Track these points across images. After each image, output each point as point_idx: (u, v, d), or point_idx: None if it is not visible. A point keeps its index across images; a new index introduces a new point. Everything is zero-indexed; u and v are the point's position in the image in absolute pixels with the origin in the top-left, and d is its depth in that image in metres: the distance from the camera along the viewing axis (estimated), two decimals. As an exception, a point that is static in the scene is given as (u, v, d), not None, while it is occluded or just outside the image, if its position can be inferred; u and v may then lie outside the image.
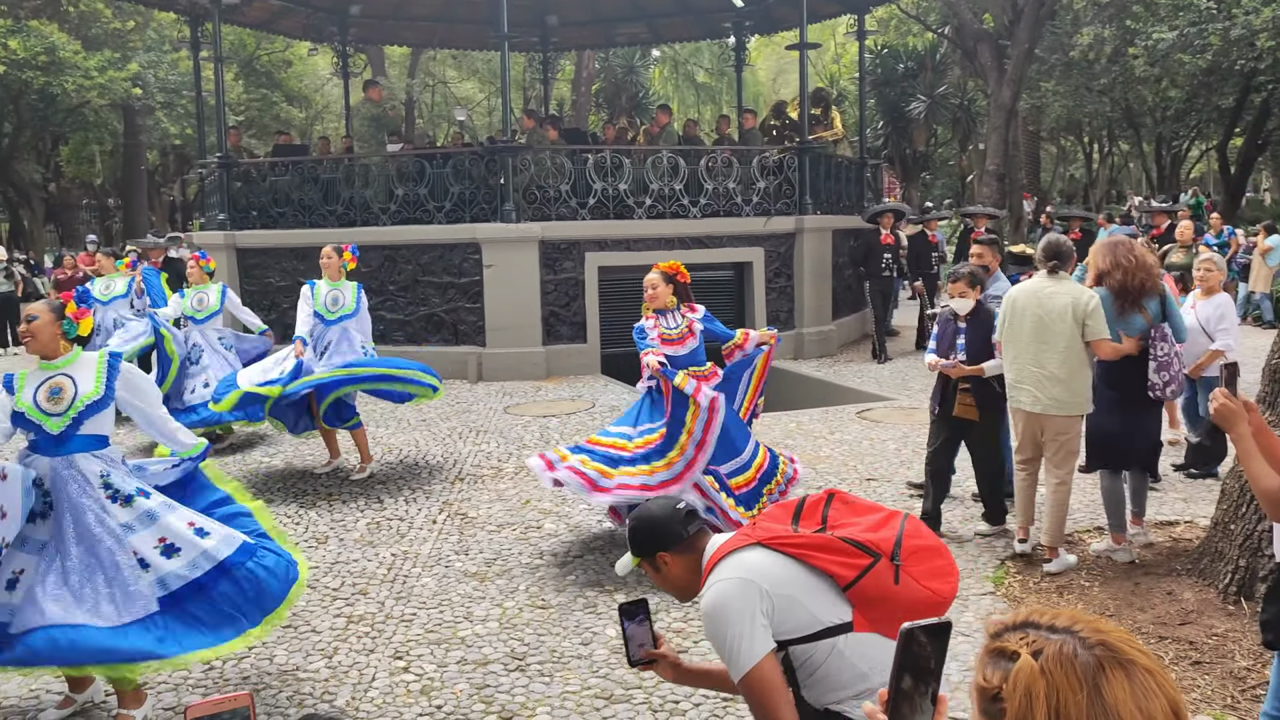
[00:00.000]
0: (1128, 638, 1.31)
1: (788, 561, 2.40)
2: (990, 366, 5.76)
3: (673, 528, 2.64)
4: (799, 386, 11.40)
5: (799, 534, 2.47)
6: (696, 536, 2.64)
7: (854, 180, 15.05)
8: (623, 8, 17.87)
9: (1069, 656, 1.27)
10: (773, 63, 48.60)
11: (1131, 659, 1.28)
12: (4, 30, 19.30)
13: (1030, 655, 1.29)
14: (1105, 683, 1.25)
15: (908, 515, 2.54)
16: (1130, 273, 5.27)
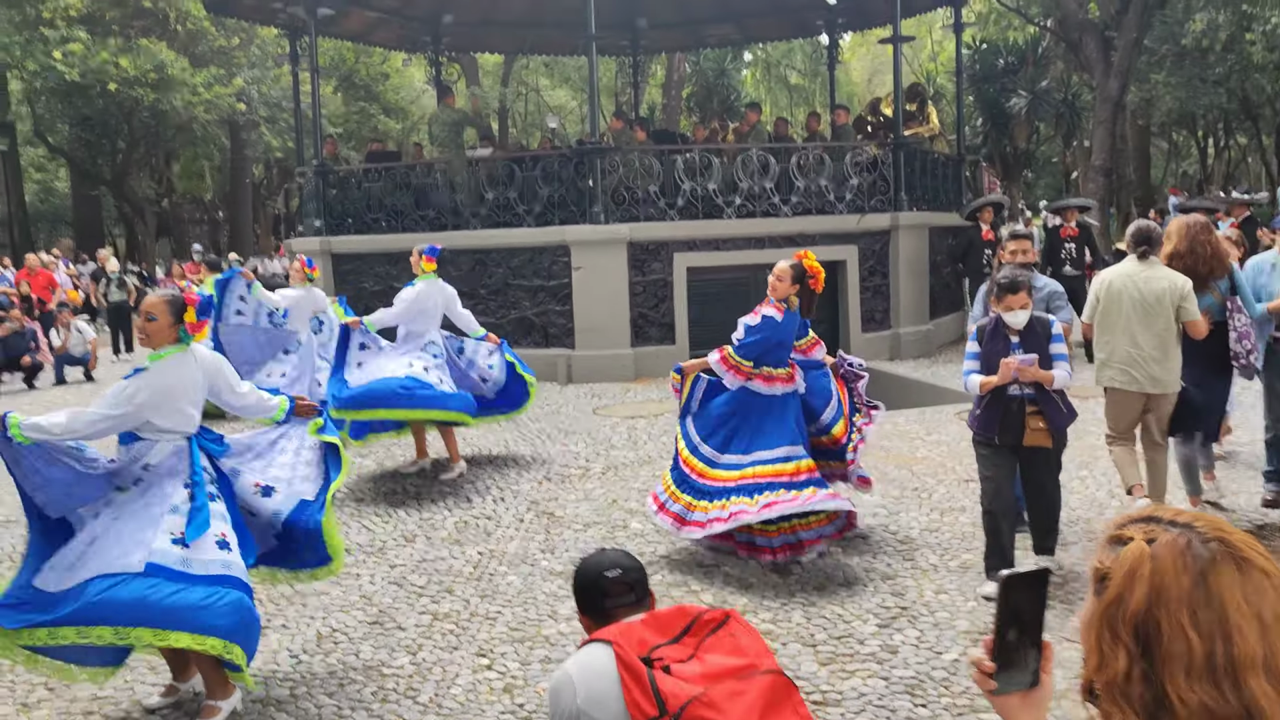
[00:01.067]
0: (1249, 539, 1.28)
1: (614, 678, 2.28)
2: (1061, 377, 4.97)
3: (592, 594, 2.59)
4: (896, 387, 11.08)
5: (639, 651, 2.33)
6: (613, 611, 2.55)
7: (951, 177, 14.64)
8: (712, 8, 17.72)
9: (1182, 546, 1.25)
10: (867, 63, 47.90)
11: (1248, 558, 1.25)
12: (116, 49, 20.09)
13: (1144, 541, 1.27)
14: (1214, 574, 1.23)
15: (770, 673, 2.37)
16: (1203, 260, 5.68)
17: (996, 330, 5.08)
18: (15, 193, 26.90)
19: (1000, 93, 27.05)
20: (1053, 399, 5.00)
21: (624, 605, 2.55)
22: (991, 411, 5.03)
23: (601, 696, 2.28)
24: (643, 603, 2.59)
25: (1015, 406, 4.97)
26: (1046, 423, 4.99)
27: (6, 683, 4.62)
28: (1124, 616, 1.24)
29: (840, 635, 4.64)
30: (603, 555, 2.67)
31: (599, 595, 2.56)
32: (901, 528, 6.09)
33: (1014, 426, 4.97)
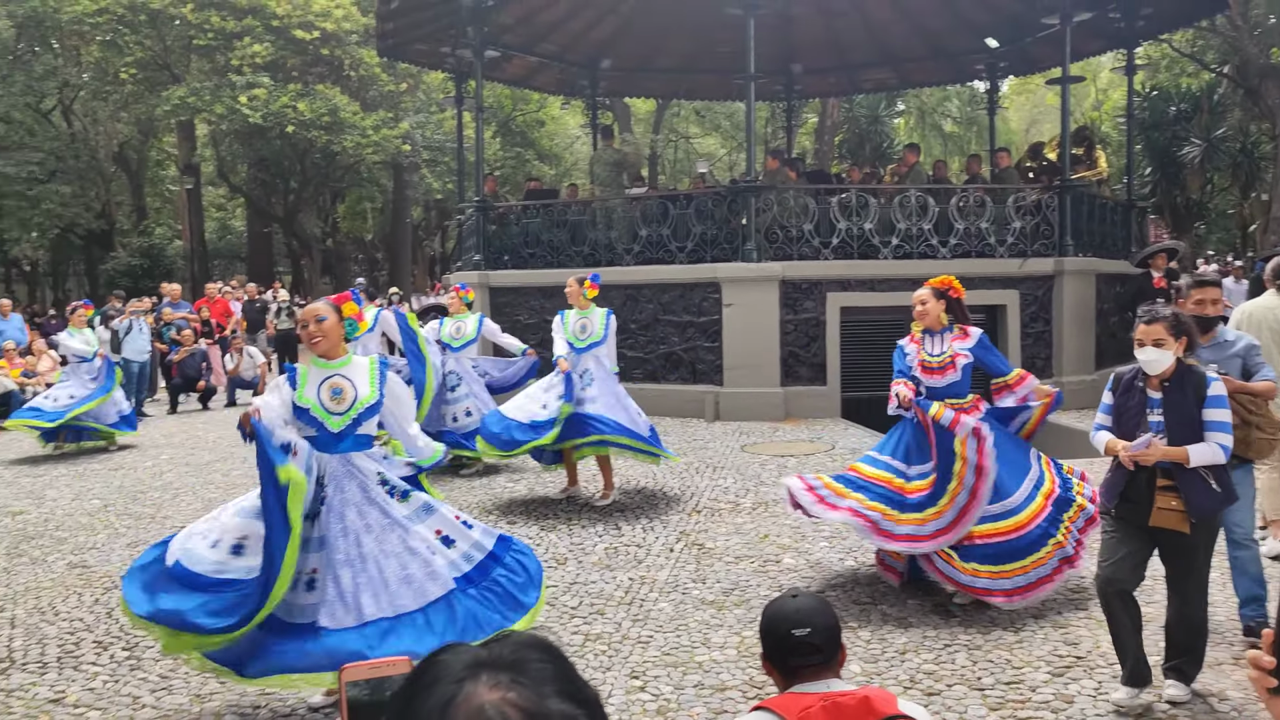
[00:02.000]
0: None
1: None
2: (1200, 452, 3.94)
3: (778, 648, 2.48)
4: (1058, 438, 10.59)
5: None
6: (798, 669, 2.44)
7: (1120, 223, 14.04)
8: (869, 53, 17.62)
9: None
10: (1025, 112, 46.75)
11: None
12: (295, 94, 21.32)
13: None
14: None
15: None
16: None
17: (1134, 381, 4.18)
18: (197, 229, 28.70)
19: (1171, 141, 25.93)
20: (1196, 475, 3.97)
21: (810, 665, 2.44)
22: (1115, 477, 4.12)
23: None
24: (831, 662, 2.46)
25: (1143, 476, 4.02)
26: (1182, 501, 3.97)
27: (181, 674, 4.81)
28: None
29: (1009, 681, 4.41)
30: (796, 609, 2.50)
31: (785, 652, 2.45)
32: (1071, 577, 5.76)
33: (1139, 500, 4.03)
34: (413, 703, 0.81)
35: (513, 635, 0.89)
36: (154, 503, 8.41)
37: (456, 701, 0.78)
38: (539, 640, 0.88)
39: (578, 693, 0.82)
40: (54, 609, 5.81)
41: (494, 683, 0.79)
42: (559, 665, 0.85)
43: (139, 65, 23.21)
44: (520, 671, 0.81)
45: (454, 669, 0.82)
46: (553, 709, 0.79)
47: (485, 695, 0.78)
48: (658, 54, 17.79)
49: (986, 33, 16.05)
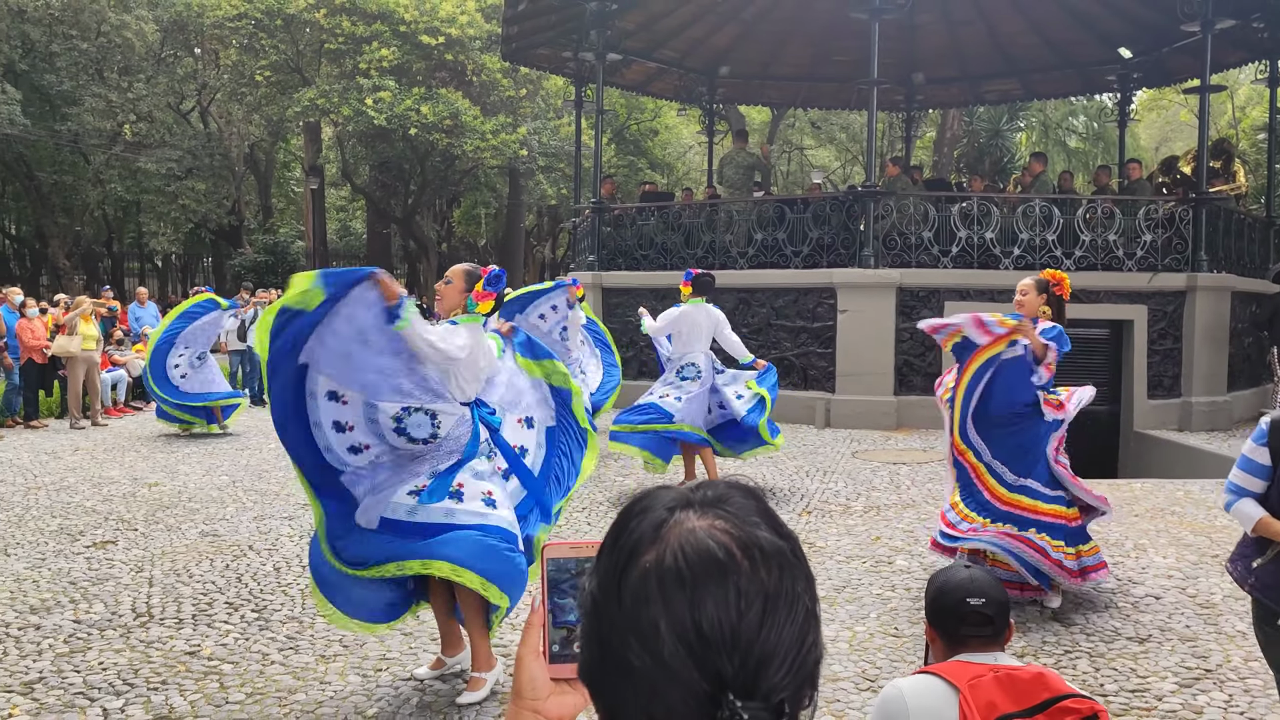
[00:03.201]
0: None
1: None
2: None
3: (948, 617, 2.43)
4: (1185, 458, 10.21)
5: (984, 715, 2.16)
6: (967, 639, 2.38)
7: (1259, 241, 13.45)
8: (994, 62, 17.27)
9: None
10: (1157, 129, 45.07)
11: None
12: (418, 98, 21.90)
13: None
14: None
15: None
16: None
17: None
18: (320, 229, 29.70)
19: (1314, 160, 24.71)
20: None
21: (981, 636, 2.40)
22: (1275, 569, 3.19)
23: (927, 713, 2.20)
24: (999, 637, 2.42)
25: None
26: None
27: (308, 636, 4.99)
28: None
29: (1134, 689, 4.27)
30: (969, 578, 2.48)
31: (956, 620, 2.41)
32: (1201, 592, 5.55)
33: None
34: (627, 526, 0.86)
35: (717, 480, 0.94)
36: (278, 481, 8.73)
37: (669, 524, 0.83)
38: (742, 483, 0.92)
39: (780, 528, 0.87)
40: (188, 571, 6.08)
41: (703, 513, 0.84)
42: (760, 504, 0.88)
43: (273, 68, 24.16)
44: (725, 505, 0.86)
45: (665, 501, 0.87)
46: (760, 537, 0.83)
47: (696, 521, 0.83)
48: (776, 61, 17.75)
49: (1119, 42, 15.58)
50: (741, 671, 0.78)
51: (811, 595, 0.85)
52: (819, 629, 0.85)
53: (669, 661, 0.78)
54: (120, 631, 5.08)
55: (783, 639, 0.80)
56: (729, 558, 0.81)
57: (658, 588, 0.80)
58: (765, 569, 0.81)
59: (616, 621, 0.83)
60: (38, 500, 8.04)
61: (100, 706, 4.21)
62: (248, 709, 4.20)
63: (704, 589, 0.79)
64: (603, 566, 0.86)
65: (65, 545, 6.68)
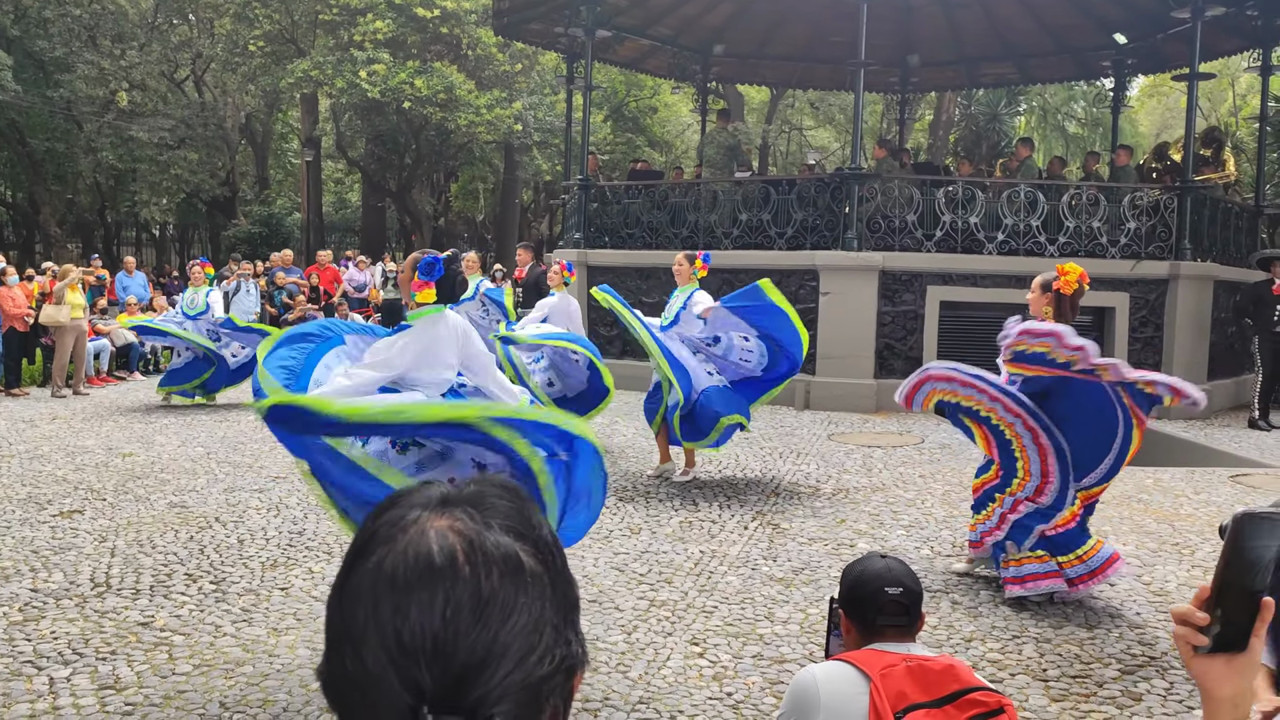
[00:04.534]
0: None
1: (860, 714, 2.20)
2: None
3: (865, 606, 2.43)
4: (1161, 445, 10.21)
5: (894, 704, 2.19)
6: (881, 629, 2.40)
7: (1246, 230, 13.41)
8: (990, 46, 17.16)
9: None
10: (1157, 116, 44.89)
11: None
12: (413, 71, 21.77)
13: None
14: None
15: None
16: None
17: None
18: (315, 201, 29.60)
19: (1311, 150, 24.62)
20: None
21: (896, 626, 2.43)
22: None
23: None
24: (913, 626, 2.46)
25: None
26: None
27: (263, 609, 5.01)
28: None
29: (1077, 675, 4.29)
30: (887, 567, 2.49)
31: (872, 610, 2.43)
32: (1156, 579, 5.58)
33: None
34: (370, 521, 0.85)
35: (486, 476, 0.92)
36: (253, 453, 8.74)
37: (407, 523, 0.82)
38: (508, 482, 0.89)
39: (528, 531, 0.84)
40: (152, 542, 6.10)
41: (446, 513, 0.82)
42: (516, 504, 0.86)
43: (267, 38, 23.98)
44: (476, 505, 0.83)
45: (418, 498, 0.85)
46: (494, 540, 0.80)
47: (435, 522, 0.81)
48: (772, 41, 17.63)
49: (1115, 28, 15.48)
50: (442, 684, 0.75)
51: (557, 605, 0.82)
52: (563, 641, 0.81)
53: (373, 669, 0.76)
54: (76, 601, 5.10)
55: (495, 651, 0.76)
56: (448, 562, 0.78)
57: (370, 590, 0.78)
58: (488, 575, 0.78)
59: (334, 622, 0.81)
60: (9, 468, 8.06)
61: (47, 676, 4.23)
62: (193, 680, 4.22)
63: (413, 594, 0.77)
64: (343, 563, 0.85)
65: (32, 514, 6.70)
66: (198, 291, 11.79)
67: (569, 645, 0.82)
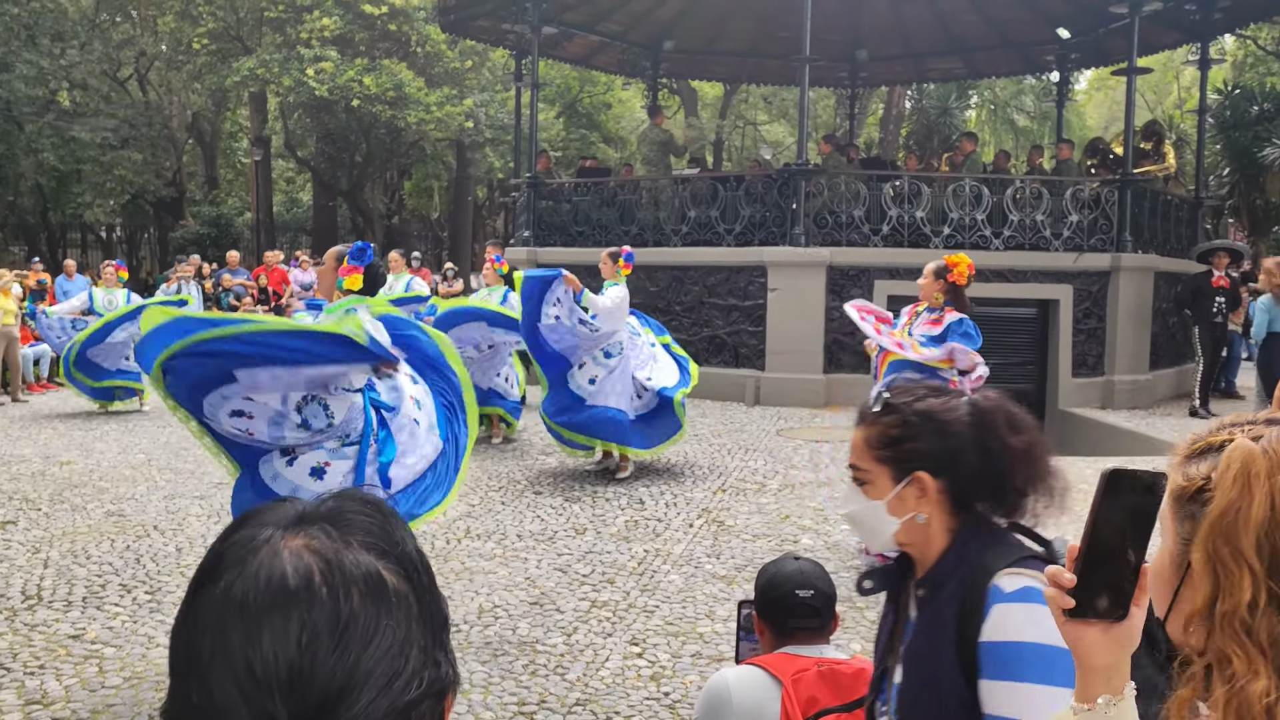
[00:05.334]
0: None
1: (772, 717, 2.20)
2: None
3: (777, 609, 2.43)
4: (1103, 436, 10.39)
5: (805, 709, 2.20)
6: (794, 632, 2.40)
7: (1186, 221, 13.64)
8: (937, 41, 17.30)
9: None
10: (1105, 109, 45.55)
11: None
12: (361, 69, 21.56)
13: (1249, 439, 1.01)
14: None
15: None
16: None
17: None
18: (265, 201, 29.24)
19: (1253, 141, 25.13)
20: None
21: (807, 629, 2.43)
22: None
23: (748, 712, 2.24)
24: (825, 628, 2.46)
25: None
26: None
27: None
28: (1244, 528, 0.99)
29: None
30: (799, 570, 2.48)
31: (784, 613, 2.43)
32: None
33: None
34: (221, 542, 0.80)
35: (344, 490, 0.87)
36: (195, 459, 8.60)
37: (259, 543, 0.77)
38: (368, 496, 0.85)
39: (391, 547, 0.79)
40: (86, 553, 5.99)
41: (302, 532, 0.78)
42: (378, 519, 0.81)
43: (211, 36, 23.63)
44: (334, 522, 0.79)
45: (273, 516, 0.80)
46: (353, 560, 0.76)
47: (290, 542, 0.77)
48: (721, 37, 17.66)
49: (1058, 22, 15.66)
50: (299, 715, 0.71)
51: (424, 624, 0.78)
52: (431, 663, 0.77)
53: (221, 703, 0.71)
54: (5, 614, 4.99)
55: (356, 678, 0.72)
56: (303, 584, 0.74)
57: (218, 618, 0.74)
58: (347, 597, 0.74)
59: (178, 653, 0.76)
60: (-58, 479, 7.88)
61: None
62: (123, 694, 4.14)
63: (265, 620, 0.72)
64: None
65: (-38, 526, 6.55)
66: (110, 293, 11.57)
67: (438, 667, 0.78)
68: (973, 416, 1.63)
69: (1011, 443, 1.61)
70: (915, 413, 1.65)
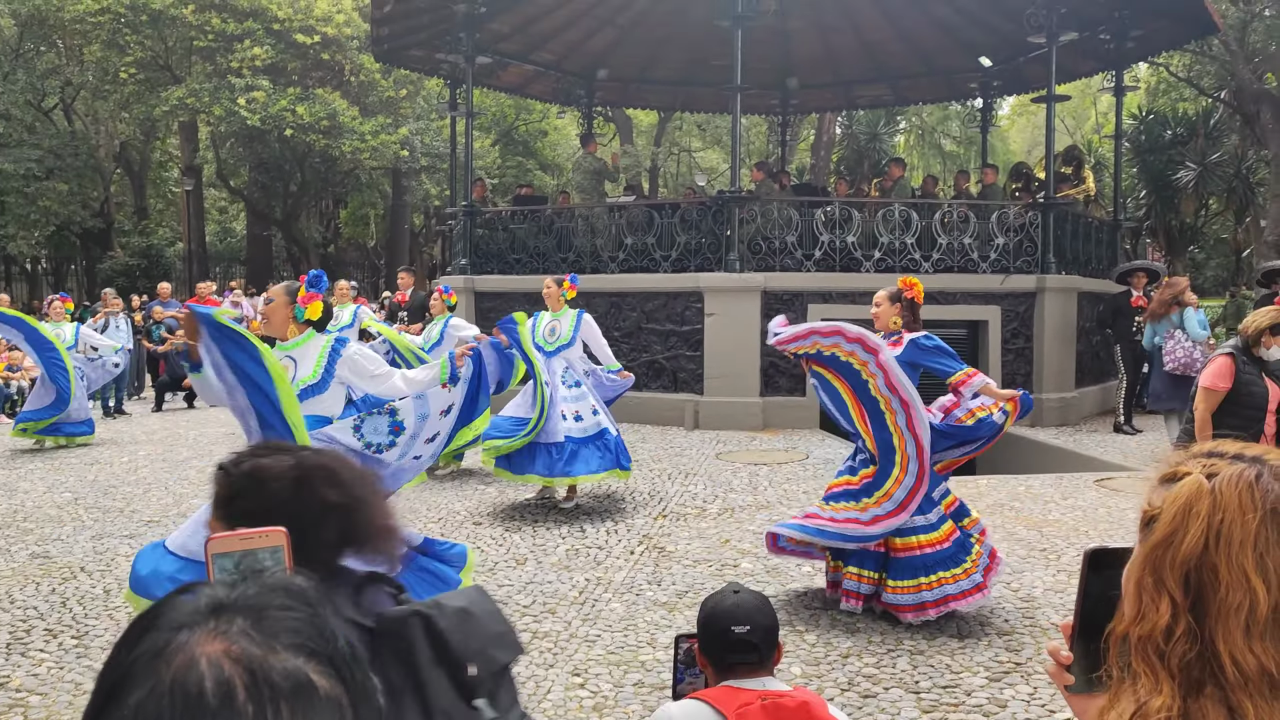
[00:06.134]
0: None
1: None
2: None
3: (715, 644, 2.48)
4: (1032, 453, 10.62)
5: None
6: (734, 666, 2.45)
7: (1107, 243, 14.06)
8: (864, 69, 17.68)
9: (1249, 480, 1.05)
10: (1028, 134, 46.79)
11: None
12: (294, 98, 21.40)
13: (1204, 475, 1.06)
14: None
15: None
16: None
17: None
18: (198, 231, 28.79)
19: (1166, 165, 26.01)
20: None
21: (746, 664, 2.46)
22: None
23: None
24: (767, 661, 2.48)
25: None
26: None
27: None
28: (1173, 560, 1.04)
29: (946, 685, 4.42)
30: (736, 605, 2.51)
31: (722, 648, 2.46)
32: (1024, 586, 5.78)
33: None
34: (124, 649, 0.72)
35: (265, 576, 0.77)
36: (124, 497, 8.43)
37: (169, 651, 0.69)
38: (292, 582, 0.76)
39: (322, 646, 0.72)
40: (10, 597, 5.83)
41: (220, 631, 0.70)
42: (306, 612, 0.74)
43: (139, 65, 23.31)
44: (257, 618, 0.71)
45: (182, 613, 0.71)
46: (277, 665, 0.69)
47: (206, 646, 0.69)
48: (655, 66, 17.85)
49: (980, 51, 16.11)
50: None
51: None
52: None
53: None
54: (-75, 664, 4.84)
55: None
56: (224, 699, 0.66)
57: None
58: (275, 710, 0.67)
59: None
60: None
61: (-111, 746, 4.01)
62: (50, 742, 4.04)
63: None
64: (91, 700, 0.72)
65: (-121, 572, 6.33)
66: (59, 327, 11.35)
67: None
68: (296, 473, 1.68)
69: (328, 498, 1.65)
70: (241, 473, 1.72)
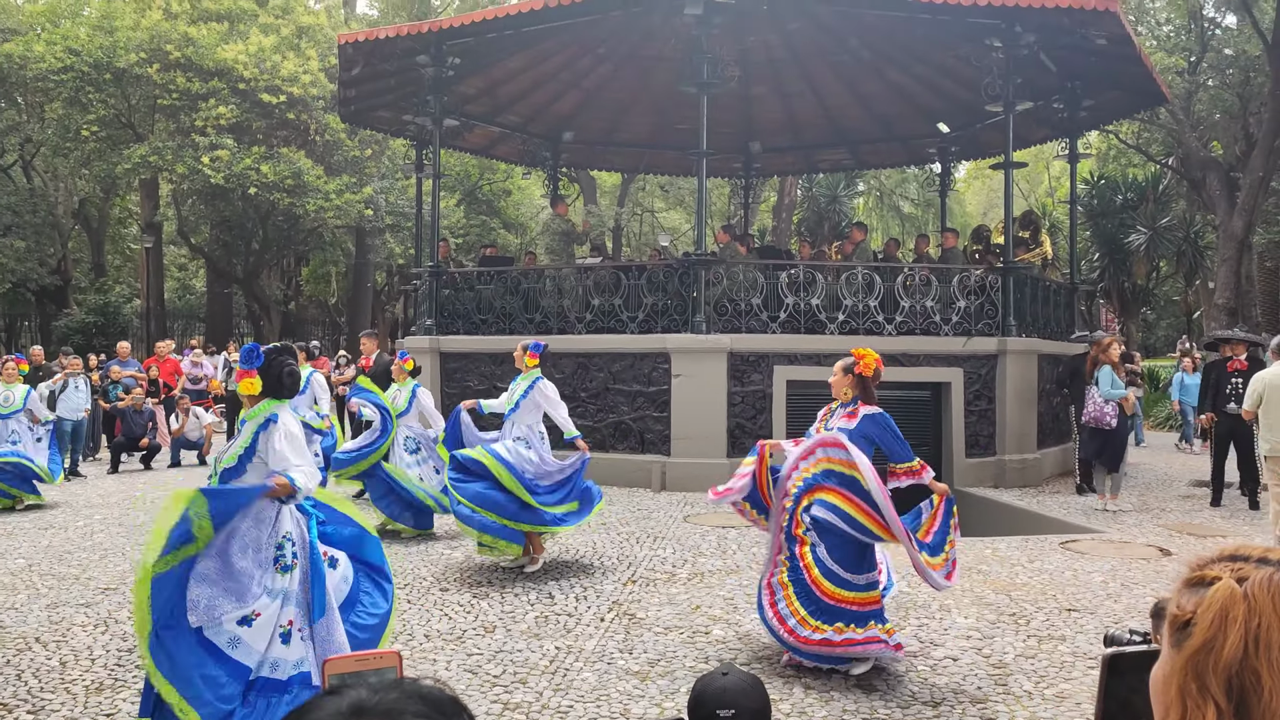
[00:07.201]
0: None
1: None
2: None
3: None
4: (996, 514, 10.70)
5: None
6: None
7: (1064, 305, 14.34)
8: (825, 134, 18.06)
9: (1279, 584, 1.07)
10: (983, 197, 47.86)
11: None
12: (258, 157, 21.40)
13: (1234, 580, 1.09)
14: None
15: None
16: None
17: None
18: (156, 288, 28.55)
19: (1118, 228, 26.69)
20: None
21: None
22: None
23: None
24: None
25: None
26: None
27: None
28: (1214, 666, 1.06)
29: (923, 755, 4.40)
30: (722, 689, 2.49)
31: None
32: (995, 652, 5.79)
33: None
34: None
35: (405, 683, 0.84)
36: (80, 563, 8.23)
37: None
38: (431, 691, 0.82)
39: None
40: (-38, 669, 5.64)
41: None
42: (436, 718, 0.79)
43: (101, 123, 23.23)
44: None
45: (326, 713, 0.77)
46: None
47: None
48: (620, 129, 18.12)
49: (938, 118, 16.54)
50: None
51: None
52: None
53: None
54: None
55: None
56: None
57: None
58: None
59: None
60: None
61: None
62: (4, 826, 3.90)
63: None
64: None
65: None
66: (10, 388, 11.16)
67: None
68: None
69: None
70: None
